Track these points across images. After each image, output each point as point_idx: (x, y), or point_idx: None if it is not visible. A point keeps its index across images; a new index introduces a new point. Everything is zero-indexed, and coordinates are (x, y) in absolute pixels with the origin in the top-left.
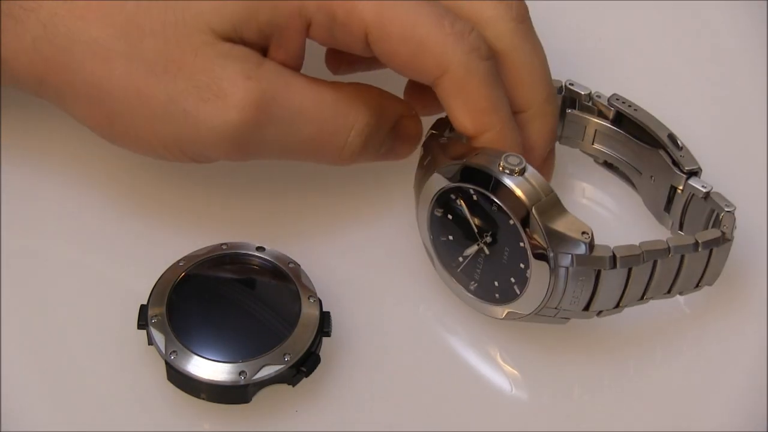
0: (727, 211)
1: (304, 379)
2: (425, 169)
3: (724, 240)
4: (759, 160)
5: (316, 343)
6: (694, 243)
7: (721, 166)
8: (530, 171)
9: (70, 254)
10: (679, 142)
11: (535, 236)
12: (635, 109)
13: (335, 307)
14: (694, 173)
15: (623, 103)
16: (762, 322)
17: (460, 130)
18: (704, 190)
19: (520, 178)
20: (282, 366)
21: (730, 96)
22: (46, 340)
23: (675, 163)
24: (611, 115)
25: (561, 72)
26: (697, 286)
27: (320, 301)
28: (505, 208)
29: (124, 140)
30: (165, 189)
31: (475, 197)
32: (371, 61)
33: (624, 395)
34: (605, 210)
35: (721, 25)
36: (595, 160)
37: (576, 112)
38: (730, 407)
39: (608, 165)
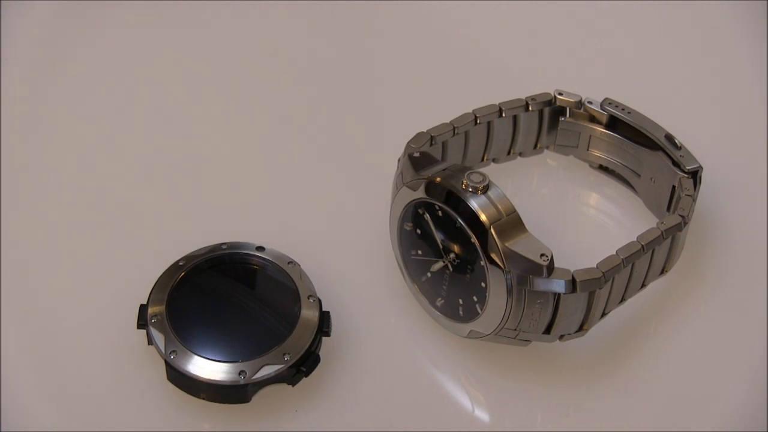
0: (686, 195)
1: (304, 379)
2: (396, 181)
3: (684, 224)
4: (759, 160)
5: (316, 343)
6: (643, 246)
7: (722, 166)
8: (493, 190)
9: (70, 254)
10: (677, 142)
11: (493, 256)
12: (629, 112)
13: (335, 307)
14: (696, 172)
15: (616, 107)
16: (762, 322)
17: None
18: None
19: (482, 196)
20: (282, 366)
21: (730, 96)
22: (46, 340)
23: (675, 163)
24: (605, 120)
25: (561, 72)
26: (662, 272)
27: (320, 301)
28: (465, 227)
29: None
30: (164, 189)
31: (440, 213)
32: None
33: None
34: (603, 214)
35: (721, 25)
36: (590, 165)
37: (569, 119)
38: (729, 407)
39: (604, 169)
